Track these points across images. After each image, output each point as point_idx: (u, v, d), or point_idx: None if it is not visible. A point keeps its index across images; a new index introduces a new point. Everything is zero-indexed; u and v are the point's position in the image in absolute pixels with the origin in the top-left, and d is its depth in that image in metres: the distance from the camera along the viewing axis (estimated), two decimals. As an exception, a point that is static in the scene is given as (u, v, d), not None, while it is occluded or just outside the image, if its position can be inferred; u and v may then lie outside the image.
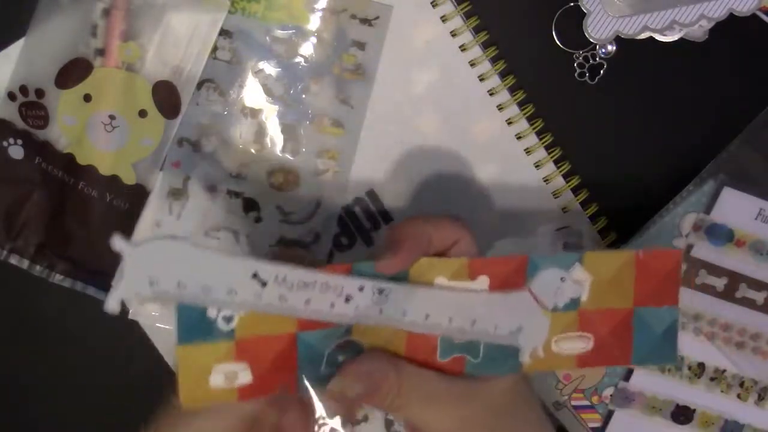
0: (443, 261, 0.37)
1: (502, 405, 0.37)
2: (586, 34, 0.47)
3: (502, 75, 0.47)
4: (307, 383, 0.37)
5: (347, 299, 0.36)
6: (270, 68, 0.48)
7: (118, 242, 0.34)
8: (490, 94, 0.47)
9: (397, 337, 0.37)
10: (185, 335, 0.35)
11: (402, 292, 0.36)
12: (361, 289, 0.36)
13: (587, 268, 0.37)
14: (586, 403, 0.47)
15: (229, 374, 0.36)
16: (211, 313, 0.36)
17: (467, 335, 0.37)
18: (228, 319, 0.36)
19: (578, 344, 0.38)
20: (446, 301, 0.37)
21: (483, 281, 0.37)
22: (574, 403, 0.47)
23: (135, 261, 0.34)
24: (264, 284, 0.35)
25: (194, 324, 0.36)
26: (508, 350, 0.37)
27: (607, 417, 0.47)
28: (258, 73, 0.48)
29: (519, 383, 0.38)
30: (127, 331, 0.49)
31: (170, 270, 0.35)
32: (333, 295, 0.36)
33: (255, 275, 0.35)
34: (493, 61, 0.47)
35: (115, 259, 0.48)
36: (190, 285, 0.35)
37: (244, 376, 0.36)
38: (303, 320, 0.36)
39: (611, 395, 0.47)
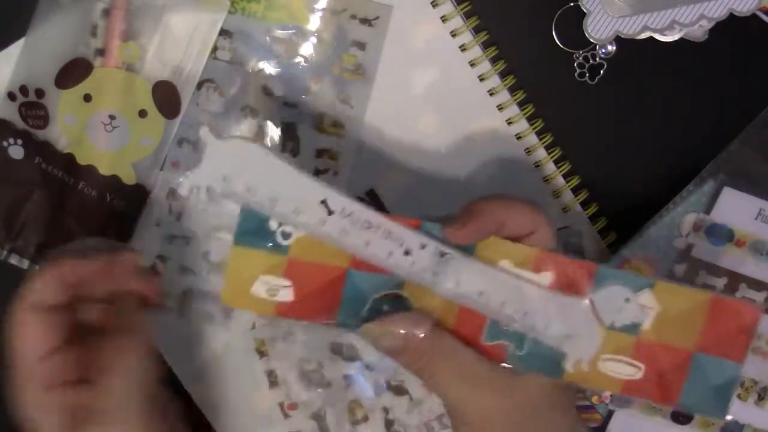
0: (512, 245, 0.36)
1: (539, 406, 0.37)
2: (586, 34, 0.47)
3: (502, 75, 0.47)
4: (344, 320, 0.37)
5: (407, 252, 0.36)
6: (270, 68, 0.48)
7: (204, 133, 0.36)
8: (490, 94, 0.47)
9: (448, 308, 0.37)
10: (242, 237, 0.36)
11: (463, 263, 0.36)
12: (423, 246, 0.36)
13: (657, 296, 0.36)
14: (586, 403, 0.47)
15: (272, 287, 0.36)
16: (272, 224, 0.36)
17: (515, 325, 0.36)
18: (286, 235, 0.36)
19: (627, 370, 0.37)
20: (504, 285, 0.36)
21: (546, 276, 0.36)
22: (574, 403, 0.47)
23: (215, 153, 0.35)
24: (330, 213, 0.36)
25: (253, 229, 0.36)
26: (554, 353, 0.36)
27: (607, 417, 0.47)
28: (258, 73, 0.48)
29: (558, 388, 0.37)
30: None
31: (245, 171, 0.35)
32: (394, 245, 0.36)
33: (324, 202, 0.36)
34: (493, 61, 0.47)
35: (115, 259, 0.48)
36: (260, 192, 0.35)
37: (286, 293, 0.36)
38: (358, 259, 0.36)
39: (611, 395, 0.47)
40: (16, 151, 0.47)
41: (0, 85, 0.47)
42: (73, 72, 0.46)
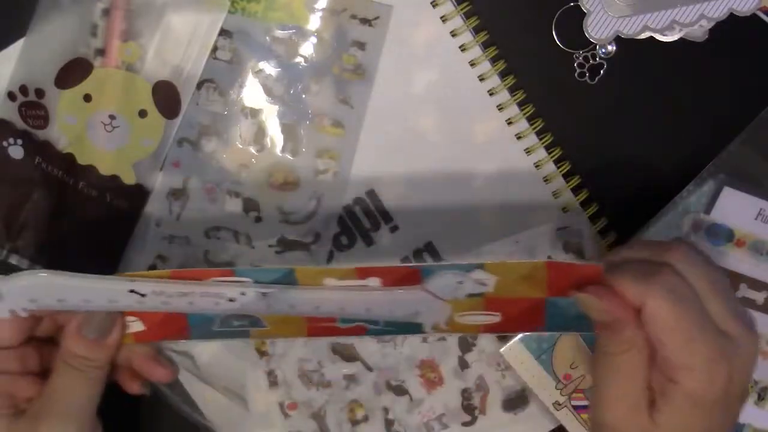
0: (329, 268, 0.39)
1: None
2: (586, 34, 0.47)
3: (502, 75, 0.47)
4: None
5: (231, 300, 0.38)
6: (270, 68, 0.48)
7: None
8: (490, 94, 0.47)
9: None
10: None
11: (288, 294, 0.38)
12: (243, 294, 0.38)
13: (491, 271, 0.37)
14: (586, 403, 0.47)
15: (125, 323, 0.41)
16: None
17: (363, 318, 0.39)
18: None
19: (484, 319, 0.40)
20: (336, 297, 0.38)
21: (374, 281, 0.38)
22: (574, 403, 0.47)
23: (12, 289, 0.38)
24: (143, 295, 0.38)
25: None
26: (411, 320, 0.39)
27: (607, 417, 0.47)
28: (258, 73, 0.48)
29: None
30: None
31: (49, 292, 0.39)
32: (215, 299, 0.38)
33: (132, 291, 0.38)
34: (493, 61, 0.47)
35: (115, 259, 0.48)
36: (70, 299, 0.39)
37: (137, 326, 0.41)
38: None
39: (611, 395, 0.47)
40: (16, 151, 0.47)
41: (0, 85, 0.47)
42: (73, 72, 0.46)
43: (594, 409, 0.38)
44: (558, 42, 0.48)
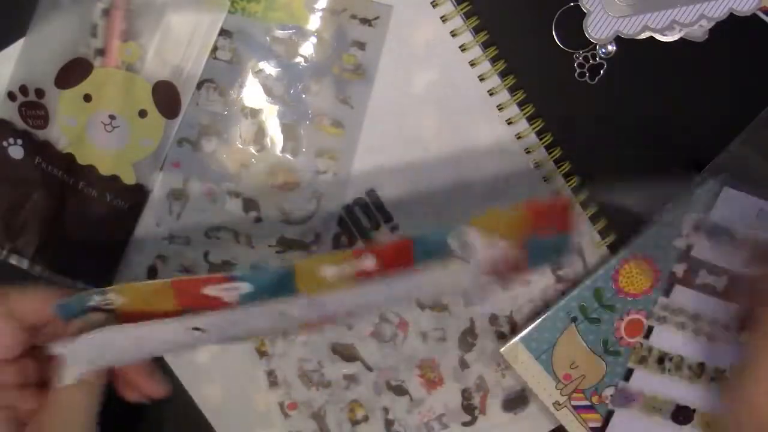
0: (326, 255, 0.40)
1: None
2: (586, 34, 0.47)
3: (502, 75, 0.47)
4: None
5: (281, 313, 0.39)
6: (270, 68, 0.48)
7: (56, 348, 0.38)
8: (490, 94, 0.47)
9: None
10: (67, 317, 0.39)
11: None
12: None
13: (478, 227, 0.38)
14: (586, 403, 0.47)
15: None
16: (93, 302, 0.38)
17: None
18: (109, 304, 0.39)
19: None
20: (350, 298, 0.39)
21: (368, 258, 0.38)
22: (574, 403, 0.47)
23: (74, 356, 0.38)
24: (203, 331, 0.38)
25: (74, 312, 0.39)
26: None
27: (607, 417, 0.47)
28: (258, 73, 0.48)
29: None
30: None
31: (112, 353, 0.39)
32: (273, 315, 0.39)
33: (195, 328, 0.38)
34: (493, 61, 0.47)
35: (115, 259, 0.48)
36: (130, 357, 0.40)
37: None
38: (186, 302, 0.38)
39: (611, 395, 0.47)
40: (16, 151, 0.47)
41: (0, 85, 0.47)
42: (73, 72, 0.46)
43: (744, 389, 0.39)
44: (558, 42, 0.48)
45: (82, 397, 0.39)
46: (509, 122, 0.48)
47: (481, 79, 0.47)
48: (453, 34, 0.47)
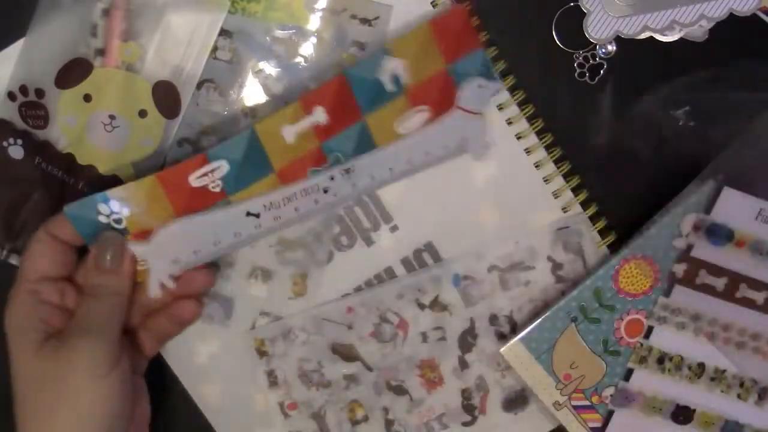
0: (279, 113, 0.43)
1: None
2: (586, 34, 0.47)
3: (502, 75, 0.47)
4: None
5: (325, 191, 0.45)
6: (270, 68, 0.48)
7: (134, 247, 0.44)
8: (490, 94, 0.47)
9: (274, 186, 0.45)
10: (89, 239, 0.44)
11: (362, 163, 0.45)
12: (332, 178, 0.45)
13: (397, 53, 0.43)
14: (586, 403, 0.47)
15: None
16: (102, 219, 0.43)
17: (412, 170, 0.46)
18: (118, 221, 0.43)
19: (419, 117, 0.45)
20: (400, 150, 0.45)
21: (319, 111, 0.44)
22: (574, 403, 0.47)
23: (154, 254, 0.44)
24: (258, 215, 0.44)
25: (92, 231, 0.43)
26: (362, 141, 0.45)
27: (607, 417, 0.47)
28: (258, 73, 0.48)
29: None
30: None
31: (184, 245, 0.44)
32: (314, 195, 0.45)
33: (248, 213, 0.45)
34: (494, 61, 0.47)
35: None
36: (204, 247, 0.45)
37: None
38: (179, 204, 0.44)
39: (611, 395, 0.47)
40: (16, 151, 0.47)
41: (0, 85, 0.47)
42: (73, 72, 0.46)
43: None
44: (558, 42, 0.48)
45: (101, 310, 0.43)
46: (509, 122, 0.48)
47: (481, 79, 0.47)
48: (453, 34, 0.47)
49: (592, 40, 0.47)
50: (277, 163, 0.44)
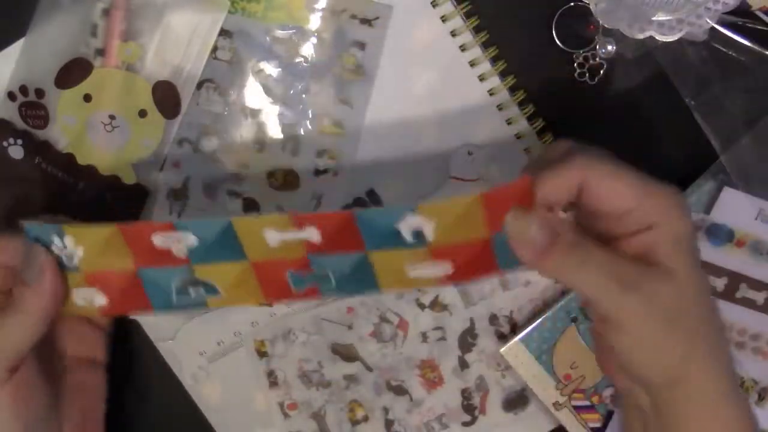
0: (265, 217, 0.38)
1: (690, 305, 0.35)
2: (599, 21, 0.46)
3: (502, 75, 0.47)
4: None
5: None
6: (270, 68, 0.48)
7: (164, 344, 0.46)
8: (490, 94, 0.47)
9: (247, 277, 0.40)
10: None
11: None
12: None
13: (424, 216, 0.37)
14: (586, 403, 0.47)
15: (87, 297, 0.41)
16: (55, 249, 0.40)
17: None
18: (70, 258, 0.40)
19: (436, 269, 0.38)
20: None
21: (312, 231, 0.38)
22: (574, 403, 0.47)
23: (181, 349, 0.45)
24: (270, 304, 0.47)
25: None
26: (365, 275, 0.39)
27: (607, 417, 0.47)
28: (258, 73, 0.48)
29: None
30: (128, 331, 0.49)
31: (207, 338, 0.46)
32: None
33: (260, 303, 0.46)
34: (493, 61, 0.47)
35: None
36: (226, 338, 0.48)
37: (100, 299, 0.41)
38: (141, 256, 0.39)
39: (611, 395, 0.47)
40: (16, 151, 0.47)
41: (0, 85, 0.47)
42: (73, 72, 0.46)
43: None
44: (558, 42, 0.48)
45: (20, 328, 0.40)
46: (509, 122, 0.48)
47: (481, 79, 0.47)
48: (453, 34, 0.47)
49: (606, 26, 0.46)
50: (254, 257, 0.39)
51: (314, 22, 0.47)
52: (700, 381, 0.35)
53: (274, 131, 0.48)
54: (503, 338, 0.49)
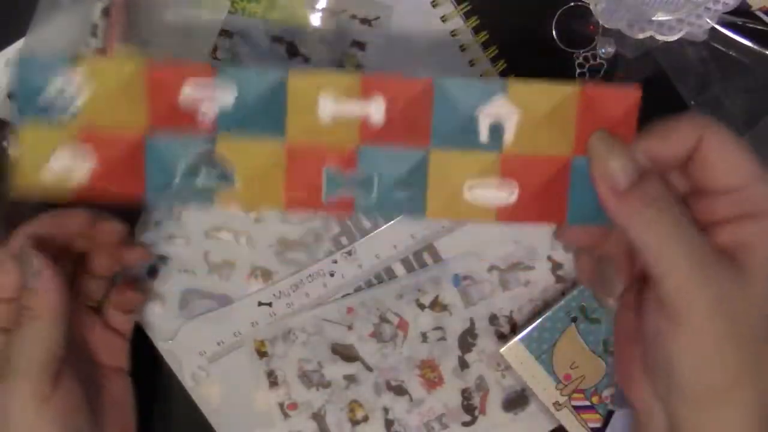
0: (329, 74, 0.32)
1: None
2: (599, 21, 0.46)
3: (503, 75, 0.47)
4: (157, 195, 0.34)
5: (331, 274, 0.43)
6: (270, 68, 0.48)
7: (164, 344, 0.45)
8: (490, 94, 0.47)
9: (275, 166, 0.33)
10: (25, 107, 0.33)
11: (362, 243, 0.40)
12: (335, 261, 0.42)
13: (514, 100, 0.31)
14: (586, 403, 0.47)
15: (70, 160, 0.33)
16: (49, 93, 0.33)
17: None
18: (68, 101, 0.33)
19: (498, 194, 0.32)
20: None
21: (378, 104, 0.32)
22: (574, 403, 0.47)
23: (181, 349, 0.44)
24: (270, 305, 0.44)
25: (34, 96, 0.33)
26: (411, 192, 0.32)
27: (607, 417, 0.47)
28: (258, 73, 0.48)
29: None
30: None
31: (207, 337, 0.45)
32: (320, 278, 0.44)
33: (260, 303, 0.45)
34: (493, 61, 0.47)
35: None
36: (226, 338, 0.48)
37: (85, 165, 0.33)
38: (158, 113, 0.33)
39: (611, 395, 0.47)
40: (16, 151, 0.47)
41: (0, 85, 0.47)
42: (73, 72, 0.46)
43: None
44: (558, 42, 0.48)
45: (39, 338, 0.38)
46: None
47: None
48: (453, 34, 0.47)
49: (606, 26, 0.46)
50: (294, 136, 0.32)
51: (314, 21, 0.47)
52: (744, 410, 0.30)
53: (274, 131, 0.48)
54: (503, 338, 0.49)
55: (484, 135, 0.32)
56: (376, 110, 0.32)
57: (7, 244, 0.40)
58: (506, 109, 0.31)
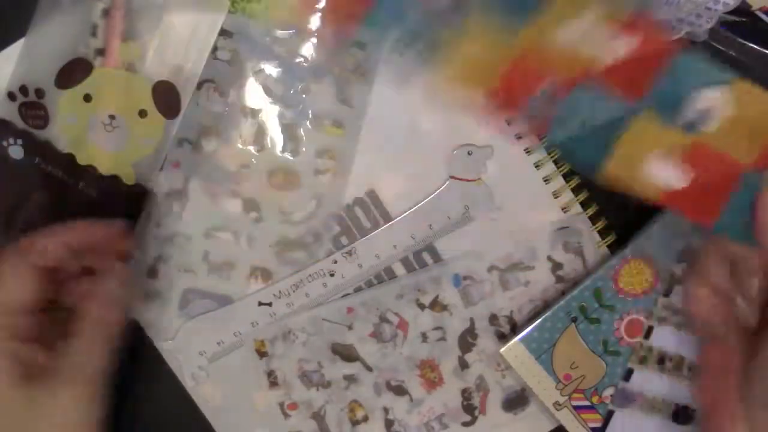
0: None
1: None
2: None
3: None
4: None
5: (331, 274, 0.42)
6: (270, 68, 0.48)
7: (164, 344, 0.46)
8: (490, 94, 0.47)
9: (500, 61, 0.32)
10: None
11: (362, 244, 0.41)
12: (335, 261, 0.41)
13: (734, 96, 0.31)
14: (586, 403, 0.47)
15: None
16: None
17: None
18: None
19: (672, 175, 0.32)
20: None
21: (624, 44, 0.31)
22: (574, 403, 0.47)
23: (181, 349, 0.44)
24: (270, 305, 0.44)
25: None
26: (600, 142, 0.32)
27: (607, 417, 0.47)
28: (258, 73, 0.48)
29: None
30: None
31: (207, 338, 0.45)
32: (320, 278, 0.43)
33: (260, 303, 0.45)
34: (493, 61, 0.47)
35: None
36: (226, 338, 0.47)
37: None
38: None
39: (611, 395, 0.47)
40: (16, 151, 0.47)
41: (0, 85, 0.47)
42: (73, 72, 0.46)
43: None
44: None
45: (100, 349, 0.39)
46: (509, 122, 0.48)
47: (481, 79, 0.47)
48: (453, 34, 0.47)
49: None
50: (527, 37, 0.31)
51: (314, 22, 0.47)
52: None
53: (274, 131, 0.48)
54: (503, 338, 0.49)
55: (690, 116, 0.31)
56: (618, 48, 0.31)
57: (29, 247, 0.40)
58: (723, 100, 0.31)
